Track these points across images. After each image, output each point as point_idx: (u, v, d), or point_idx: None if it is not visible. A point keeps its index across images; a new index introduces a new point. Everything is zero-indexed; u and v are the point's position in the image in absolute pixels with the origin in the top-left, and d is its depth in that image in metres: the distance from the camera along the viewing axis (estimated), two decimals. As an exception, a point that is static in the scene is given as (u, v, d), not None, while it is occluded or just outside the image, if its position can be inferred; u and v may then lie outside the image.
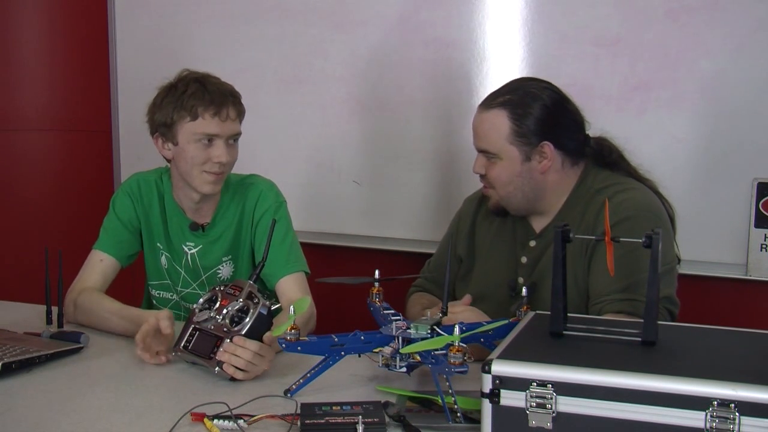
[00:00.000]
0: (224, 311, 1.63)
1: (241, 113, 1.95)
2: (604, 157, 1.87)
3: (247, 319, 1.61)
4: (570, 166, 1.83)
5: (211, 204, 2.04)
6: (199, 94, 1.88)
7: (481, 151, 1.83)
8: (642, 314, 1.33)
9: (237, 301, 1.64)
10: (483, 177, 1.86)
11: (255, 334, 1.60)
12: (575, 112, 1.83)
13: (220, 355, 1.57)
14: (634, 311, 1.63)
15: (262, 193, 2.03)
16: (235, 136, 1.94)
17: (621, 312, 1.66)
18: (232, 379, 1.57)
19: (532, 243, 1.88)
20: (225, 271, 2.06)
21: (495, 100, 1.80)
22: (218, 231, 2.04)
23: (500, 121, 1.77)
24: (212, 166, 1.91)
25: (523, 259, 1.88)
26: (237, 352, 1.56)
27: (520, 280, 1.87)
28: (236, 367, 1.56)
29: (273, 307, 1.66)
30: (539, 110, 1.77)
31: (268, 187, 2.05)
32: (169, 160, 1.99)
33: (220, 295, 1.68)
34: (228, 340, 1.58)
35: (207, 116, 1.88)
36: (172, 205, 2.06)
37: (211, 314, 1.65)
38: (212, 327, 1.63)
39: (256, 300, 1.64)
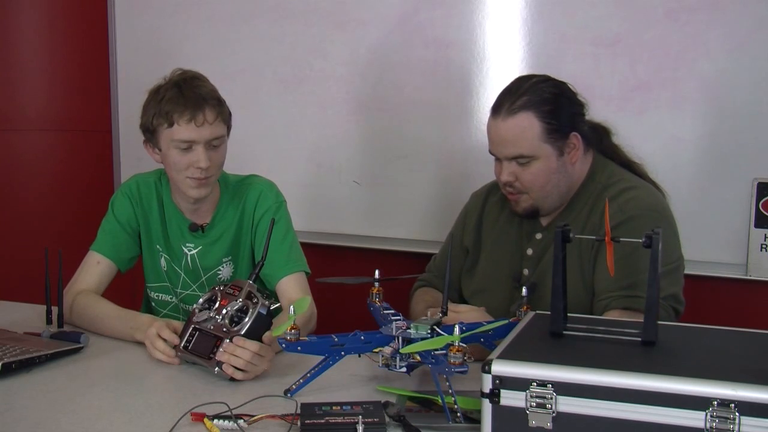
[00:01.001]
0: (224, 311, 1.63)
1: (221, 114, 1.89)
2: (602, 140, 1.90)
3: (247, 319, 1.61)
4: (587, 151, 1.86)
5: (209, 205, 2.03)
6: (174, 100, 1.85)
7: (511, 158, 1.79)
8: (647, 312, 1.33)
9: (236, 301, 1.64)
10: (509, 185, 1.83)
11: (254, 334, 1.60)
12: (576, 94, 1.85)
13: (220, 356, 1.57)
14: (639, 308, 1.63)
15: (261, 193, 2.03)
16: (216, 140, 1.89)
17: (627, 308, 1.68)
18: (232, 379, 1.57)
19: (539, 236, 1.89)
20: (225, 271, 2.06)
21: (514, 104, 1.77)
22: (218, 232, 2.04)
23: (530, 123, 1.76)
24: (194, 172, 1.88)
25: (529, 251, 1.89)
26: (236, 352, 1.56)
27: (525, 272, 1.88)
28: (236, 368, 1.56)
29: (273, 307, 1.66)
30: (558, 103, 1.78)
31: (268, 187, 2.05)
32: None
33: (219, 295, 1.68)
34: (228, 340, 1.58)
35: (182, 122, 1.85)
36: (171, 207, 2.05)
37: (211, 314, 1.65)
38: (212, 327, 1.63)
39: (256, 300, 1.64)
